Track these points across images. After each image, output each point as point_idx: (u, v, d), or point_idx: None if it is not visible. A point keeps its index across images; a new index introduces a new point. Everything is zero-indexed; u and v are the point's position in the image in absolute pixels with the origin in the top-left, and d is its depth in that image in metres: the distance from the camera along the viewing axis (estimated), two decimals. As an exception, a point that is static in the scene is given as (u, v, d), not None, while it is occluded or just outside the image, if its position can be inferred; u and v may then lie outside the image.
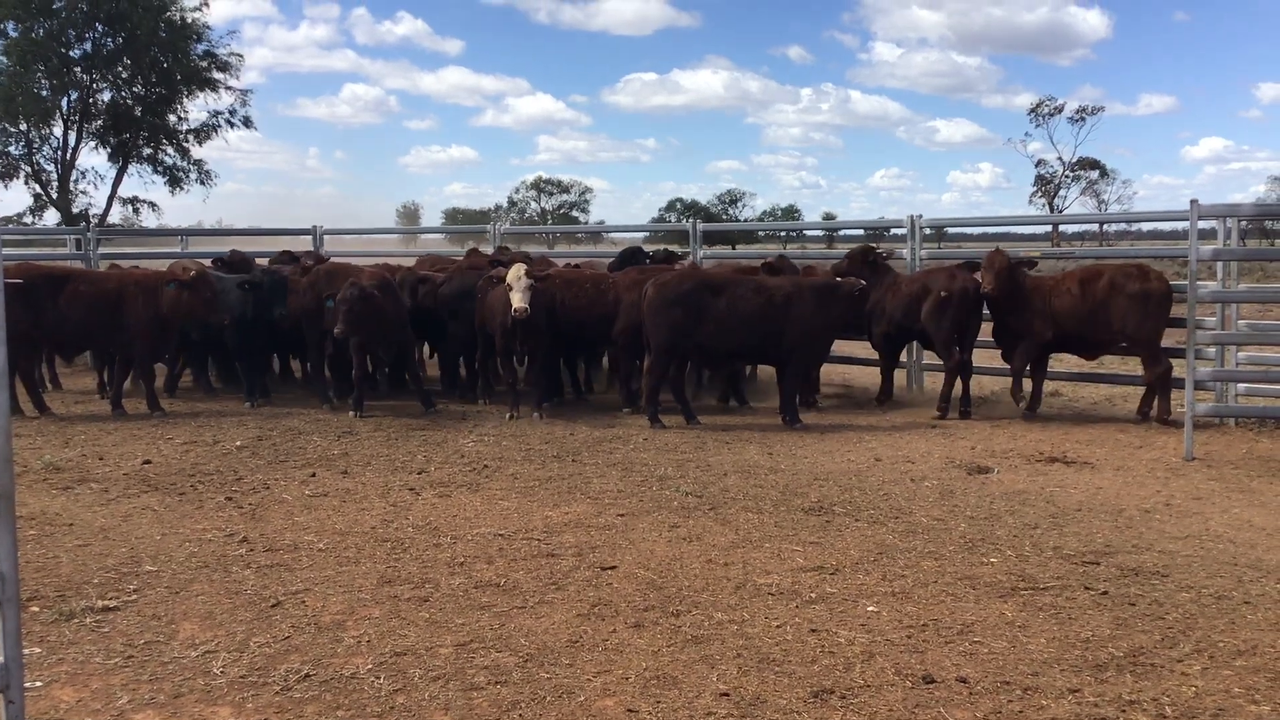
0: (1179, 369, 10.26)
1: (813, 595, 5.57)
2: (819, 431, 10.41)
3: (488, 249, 16.04)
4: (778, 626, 5.10)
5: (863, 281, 10.97)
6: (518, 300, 10.57)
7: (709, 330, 10.46)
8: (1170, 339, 11.01)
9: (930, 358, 12.94)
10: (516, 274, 10.71)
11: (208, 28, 39.49)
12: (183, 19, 38.55)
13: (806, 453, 9.39)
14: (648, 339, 10.74)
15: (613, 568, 6.05)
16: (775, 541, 6.57)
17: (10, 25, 36.24)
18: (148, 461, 9.01)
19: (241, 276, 12.22)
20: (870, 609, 5.36)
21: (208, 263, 13.56)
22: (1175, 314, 10.49)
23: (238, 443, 9.82)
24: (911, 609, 5.36)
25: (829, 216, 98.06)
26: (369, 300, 10.91)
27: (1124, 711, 4.19)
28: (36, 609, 5.35)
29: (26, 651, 4.71)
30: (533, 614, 5.32)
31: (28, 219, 39.47)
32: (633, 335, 11.20)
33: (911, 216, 12.67)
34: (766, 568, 6.04)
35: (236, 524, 7.05)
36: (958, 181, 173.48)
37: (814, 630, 5.05)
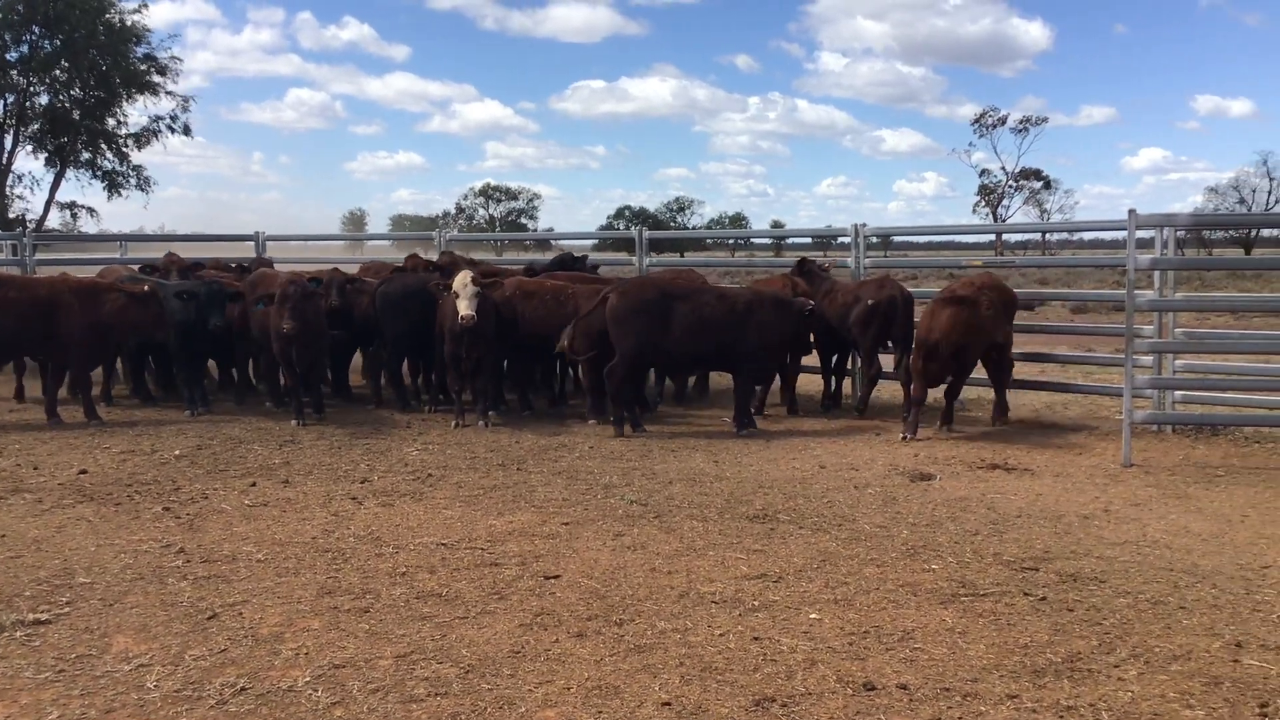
0: (1115, 376, 10.45)
1: (756, 603, 5.57)
2: (765, 439, 10.45)
3: (433, 255, 15.91)
4: (720, 635, 5.10)
5: (811, 303, 11.08)
6: (464, 308, 10.51)
7: (673, 337, 10.51)
8: (1108, 346, 11.21)
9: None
10: (463, 281, 10.65)
11: (148, 30, 38.92)
12: (122, 21, 37.93)
13: (752, 460, 9.41)
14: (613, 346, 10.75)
15: (556, 577, 6.02)
16: (719, 550, 6.57)
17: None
18: (83, 471, 8.83)
19: (179, 285, 12.02)
20: (813, 616, 5.38)
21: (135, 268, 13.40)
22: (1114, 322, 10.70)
23: (176, 452, 9.65)
24: (853, 616, 5.39)
25: (777, 224, 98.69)
26: (312, 297, 10.93)
27: (1062, 717, 4.23)
28: (-37, 623, 5.21)
29: (-48, 667, 4.61)
30: (475, 624, 5.28)
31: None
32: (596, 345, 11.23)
33: (856, 225, 12.75)
34: (710, 576, 6.04)
35: (174, 534, 6.92)
36: (904, 190, 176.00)
37: (756, 638, 5.05)
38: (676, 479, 8.63)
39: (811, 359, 12.41)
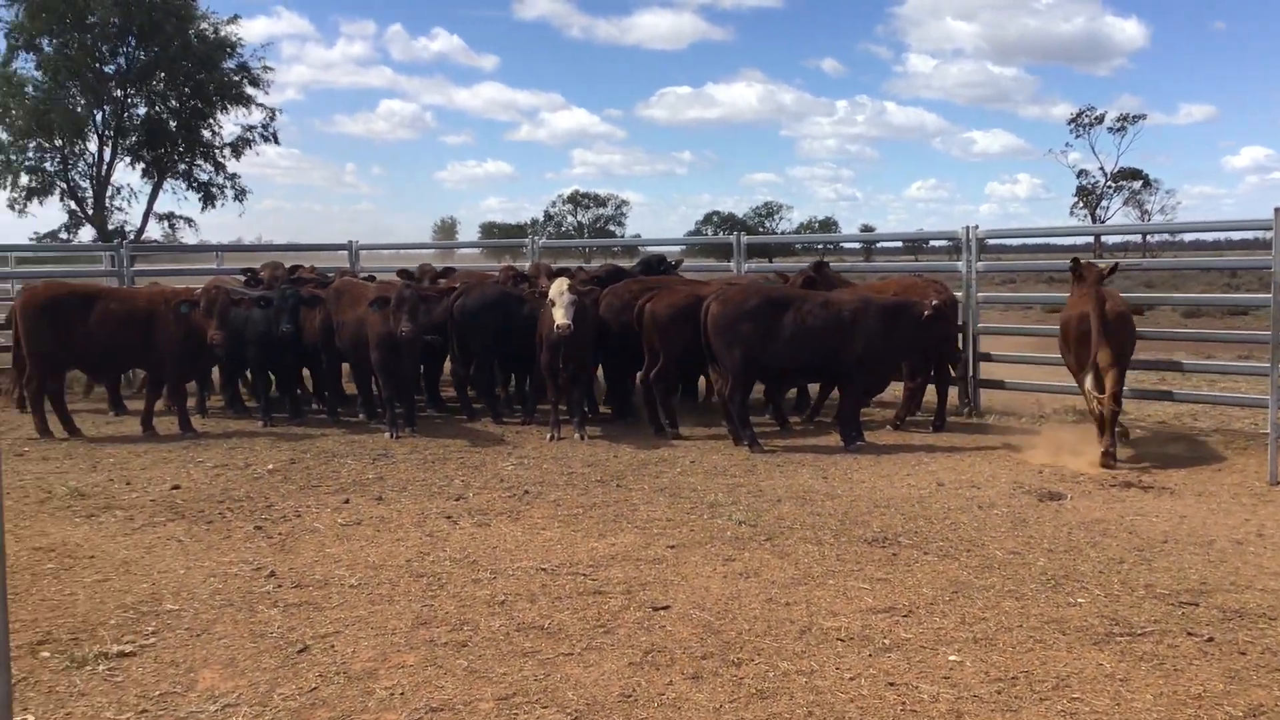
0: (1237, 386, 9.67)
1: (886, 641, 5.08)
2: (874, 453, 9.90)
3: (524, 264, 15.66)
4: (850, 679, 4.62)
5: (932, 305, 10.19)
6: (560, 317, 10.16)
7: (777, 347, 10.00)
8: (1229, 353, 10.42)
9: (987, 372, 12.41)
10: (559, 289, 10.30)
11: (240, 41, 39.50)
12: (215, 32, 38.55)
13: (863, 477, 8.89)
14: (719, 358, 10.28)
15: (665, 608, 5.59)
16: (839, 578, 6.09)
17: (44, 40, 36.26)
18: (176, 486, 8.65)
19: (260, 293, 11.85)
20: (952, 658, 4.87)
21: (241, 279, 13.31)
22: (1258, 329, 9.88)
23: (270, 466, 9.45)
24: (997, 658, 4.86)
25: (866, 228, 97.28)
26: (426, 302, 10.89)
27: (1256, 787, 3.69)
28: (47, 654, 4.97)
29: (33, 704, 4.35)
30: (580, 662, 4.88)
31: (63, 236, 39.55)
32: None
33: (967, 227, 12.12)
34: (832, 608, 5.56)
35: (265, 556, 6.66)
36: (996, 192, 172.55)
37: (891, 684, 4.57)
38: (785, 497, 8.15)
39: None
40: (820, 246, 67.93)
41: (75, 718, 4.32)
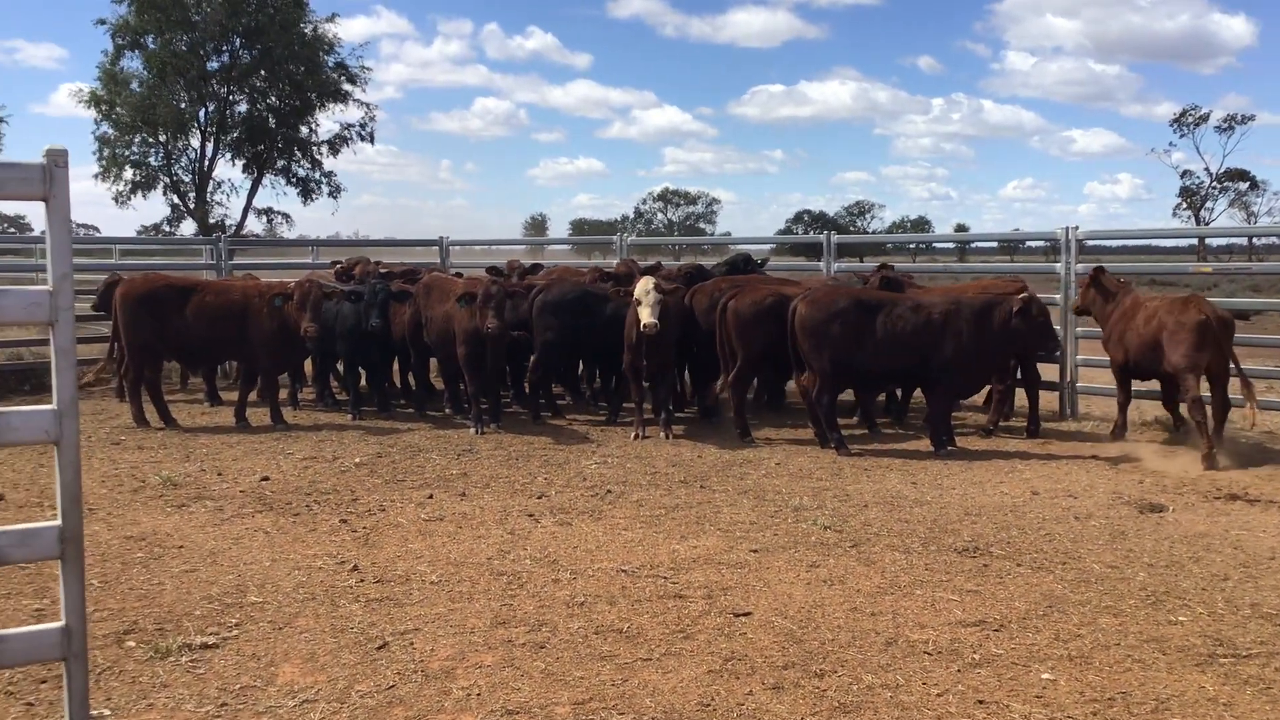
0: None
1: (976, 656, 4.91)
2: (965, 459, 9.64)
3: (614, 261, 15.64)
4: (938, 695, 4.47)
5: (1021, 301, 9.89)
6: (646, 315, 10.09)
7: (868, 350, 9.78)
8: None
9: (1086, 379, 12.05)
10: (645, 288, 10.22)
11: (339, 39, 40.21)
12: (315, 31, 39.29)
13: (954, 483, 8.66)
14: (806, 359, 10.08)
15: (747, 614, 5.48)
16: (928, 588, 5.91)
17: (150, 38, 37.30)
18: (265, 478, 8.77)
19: (350, 287, 11.97)
20: (1045, 676, 4.68)
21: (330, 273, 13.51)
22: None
23: (357, 459, 9.54)
24: (1094, 678, 4.66)
25: (961, 228, 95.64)
26: (513, 297, 10.91)
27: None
28: (133, 644, 5.04)
29: (116, 693, 4.40)
30: (659, 668, 4.79)
31: (166, 229, 40.67)
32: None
33: (1067, 228, 11.76)
34: (920, 620, 5.40)
35: (349, 550, 6.69)
36: (1095, 192, 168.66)
37: (981, 701, 4.40)
38: (872, 502, 7.97)
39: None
40: (912, 246, 66.94)
41: (156, 709, 4.36)
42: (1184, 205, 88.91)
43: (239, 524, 7.34)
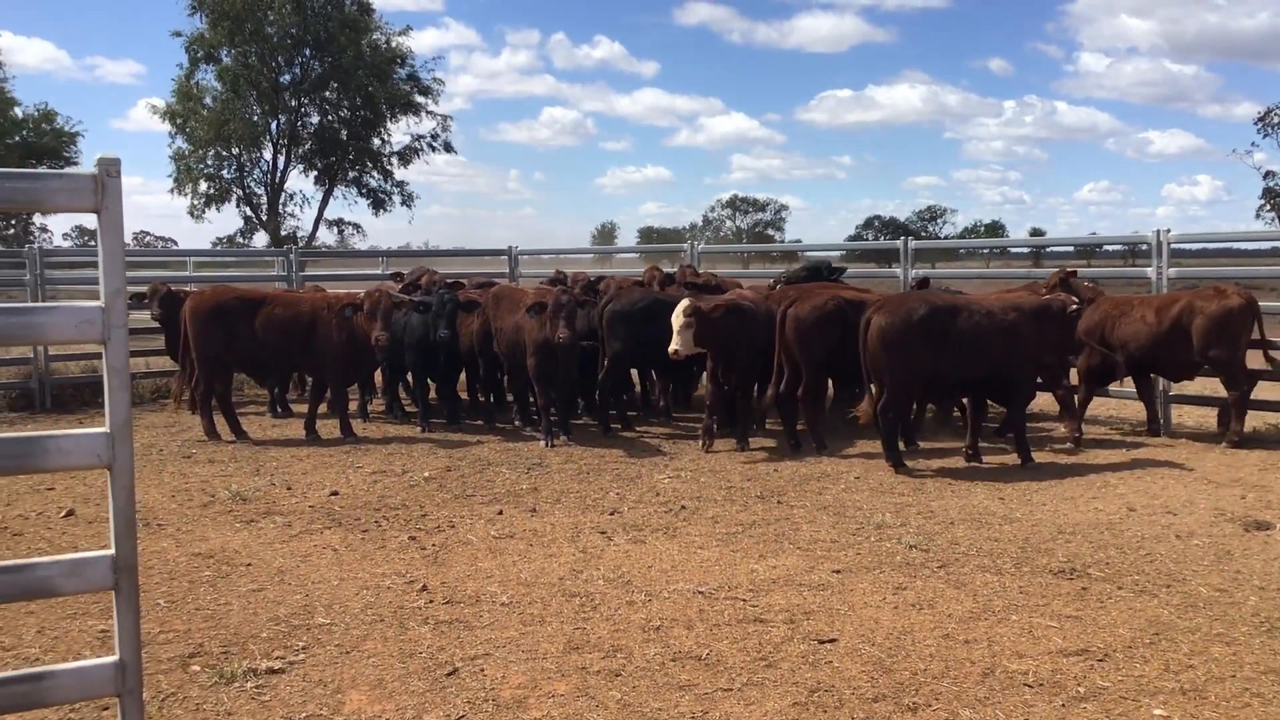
0: None
1: (1080, 690, 4.58)
2: (1055, 473, 9.23)
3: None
4: (1043, 733, 4.16)
5: (1077, 301, 9.85)
6: (674, 343, 9.98)
7: (947, 360, 9.34)
8: None
9: (1179, 388, 11.56)
10: (677, 314, 10.03)
11: (410, 51, 40.50)
12: (387, 43, 39.61)
13: (1045, 499, 8.27)
14: (876, 372, 9.70)
15: (832, 641, 5.20)
16: (1024, 613, 5.58)
17: (223, 52, 37.87)
18: (335, 493, 8.66)
19: (419, 298, 11.85)
20: (1157, 712, 4.35)
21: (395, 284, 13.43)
22: None
23: (426, 474, 9.40)
24: (1209, 714, 4.33)
25: (1036, 232, 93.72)
26: (584, 308, 10.71)
27: None
28: (197, 668, 4.90)
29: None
30: (740, 699, 4.54)
31: (239, 240, 41.26)
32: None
33: (1158, 231, 11.28)
34: (1017, 648, 5.08)
35: (418, 568, 6.52)
36: (1173, 195, 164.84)
37: (1091, 742, 4.08)
38: (959, 519, 7.63)
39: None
40: (986, 251, 65.75)
41: (221, 738, 4.21)
42: (1268, 207, 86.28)
43: (307, 540, 7.22)
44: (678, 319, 9.99)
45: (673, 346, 9.98)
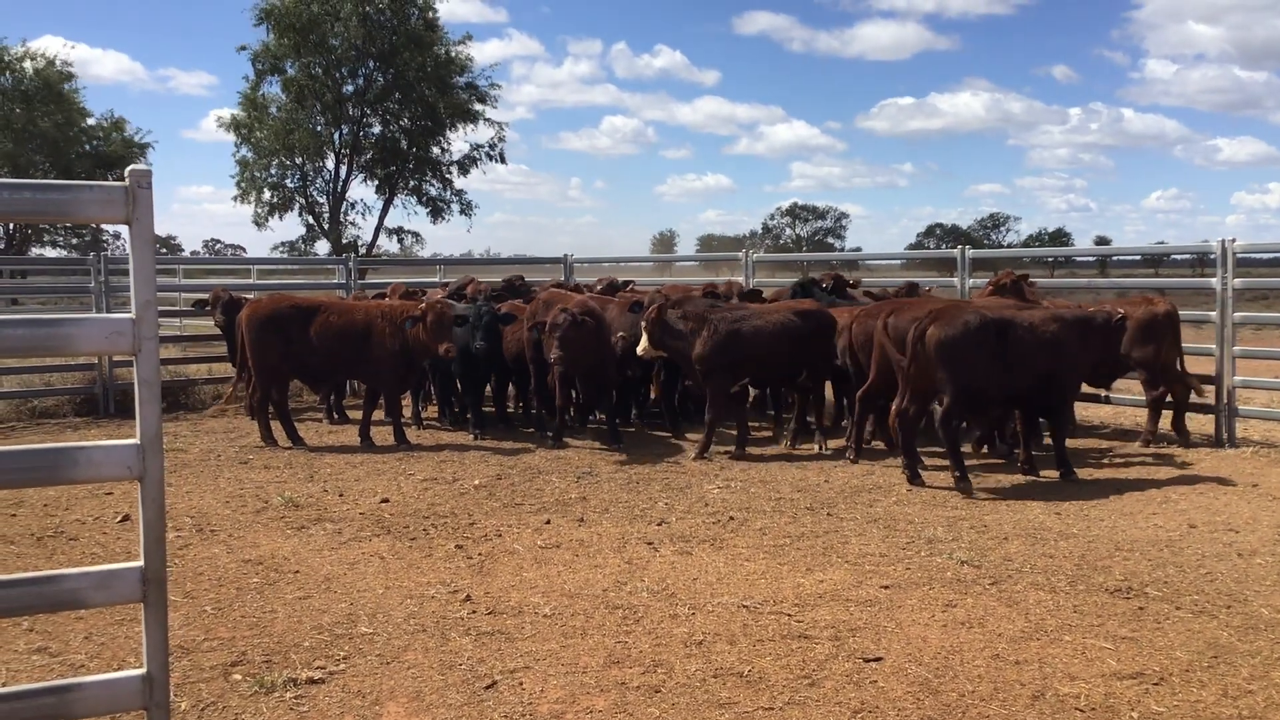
0: None
1: (1134, 714, 4.44)
2: (1114, 488, 9.02)
3: (740, 277, 15.34)
4: (1093, 760, 4.03)
5: (1121, 312, 9.86)
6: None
7: (1001, 371, 9.05)
8: None
9: (1244, 400, 11.26)
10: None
11: (470, 59, 40.71)
12: (448, 53, 39.88)
13: (1102, 514, 8.08)
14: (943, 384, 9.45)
15: (877, 659, 5.10)
16: (1077, 633, 5.43)
17: (288, 63, 38.38)
18: (385, 500, 8.70)
19: (462, 309, 11.89)
20: (1214, 741, 4.20)
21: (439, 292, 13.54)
22: None
23: (476, 481, 9.42)
24: (1270, 744, 4.17)
25: (1101, 240, 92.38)
26: (581, 327, 10.60)
27: None
28: (239, 677, 4.92)
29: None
30: (781, 718, 4.46)
31: (301, 248, 41.76)
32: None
33: (1223, 240, 10.98)
34: (1070, 670, 4.94)
35: (463, 578, 6.52)
36: (1243, 203, 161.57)
37: (1143, 770, 3.95)
38: (1013, 534, 7.47)
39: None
40: (1050, 260, 64.85)
41: (259, 748, 4.21)
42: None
43: (356, 548, 7.25)
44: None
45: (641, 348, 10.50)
